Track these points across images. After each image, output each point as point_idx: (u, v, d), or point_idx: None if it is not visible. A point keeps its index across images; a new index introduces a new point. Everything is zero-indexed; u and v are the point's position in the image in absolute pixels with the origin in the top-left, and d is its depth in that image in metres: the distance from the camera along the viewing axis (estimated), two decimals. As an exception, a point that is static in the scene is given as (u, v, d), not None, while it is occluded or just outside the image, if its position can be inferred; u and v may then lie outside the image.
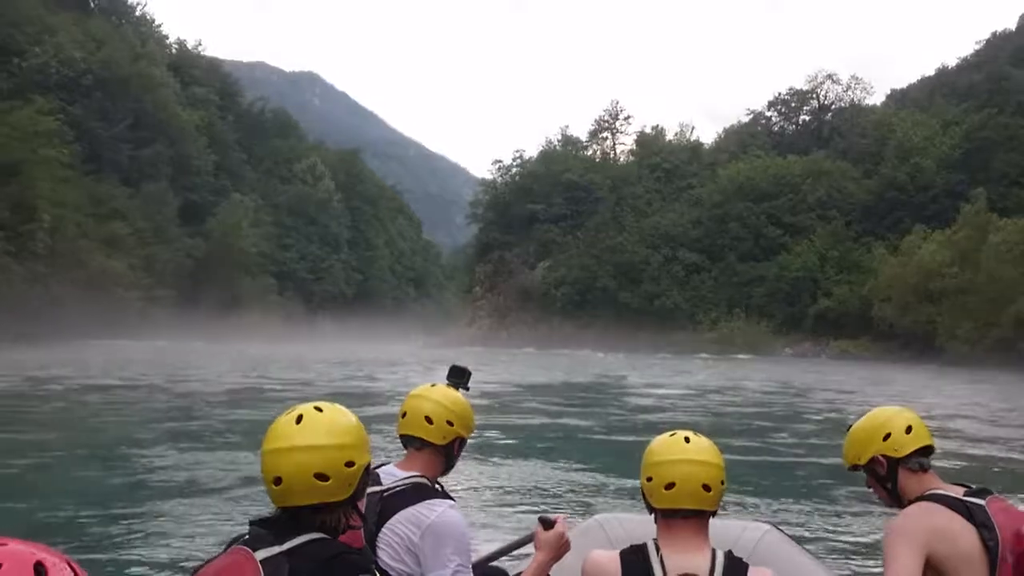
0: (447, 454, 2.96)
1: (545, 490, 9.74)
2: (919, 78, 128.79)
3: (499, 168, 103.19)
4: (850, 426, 2.87)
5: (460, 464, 3.18)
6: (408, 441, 2.95)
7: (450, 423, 2.91)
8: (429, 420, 2.88)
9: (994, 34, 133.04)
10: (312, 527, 1.98)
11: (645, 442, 2.58)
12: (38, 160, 61.10)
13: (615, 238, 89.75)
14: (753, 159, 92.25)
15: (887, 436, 2.71)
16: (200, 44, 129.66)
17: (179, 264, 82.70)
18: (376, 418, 14.12)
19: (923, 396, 27.97)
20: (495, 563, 3.44)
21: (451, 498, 2.86)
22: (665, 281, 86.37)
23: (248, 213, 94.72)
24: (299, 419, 2.02)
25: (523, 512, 8.41)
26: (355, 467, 2.02)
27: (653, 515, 2.52)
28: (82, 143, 78.25)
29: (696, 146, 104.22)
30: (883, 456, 2.71)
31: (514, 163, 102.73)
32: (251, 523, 2.01)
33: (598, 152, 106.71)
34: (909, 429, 2.71)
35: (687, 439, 2.47)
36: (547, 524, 2.81)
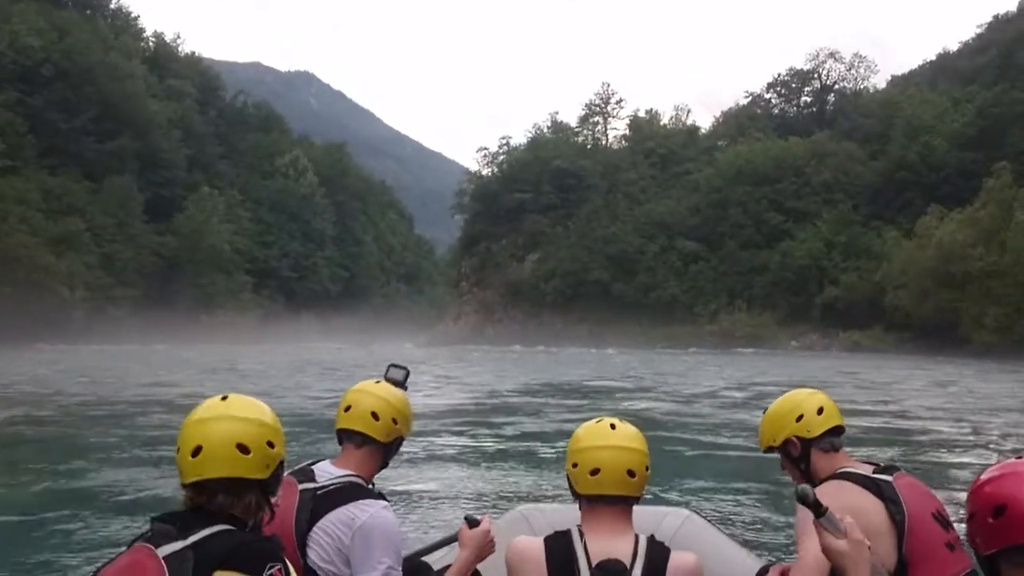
0: (386, 453, 2.86)
1: (491, 493, 9.30)
2: (920, 63, 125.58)
3: (484, 156, 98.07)
4: (765, 410, 2.89)
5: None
6: (348, 436, 2.82)
7: (395, 421, 2.82)
8: (375, 416, 2.78)
9: (996, 17, 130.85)
10: (219, 519, 1.94)
11: None
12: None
13: (608, 228, 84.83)
14: (753, 142, 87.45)
15: (800, 417, 2.76)
16: (179, 38, 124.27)
17: (143, 262, 77.87)
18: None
19: (977, 392, 23.20)
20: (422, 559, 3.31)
21: (385, 498, 2.73)
22: (661, 272, 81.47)
23: (219, 207, 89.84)
24: (224, 398, 2.04)
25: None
26: (275, 450, 2.00)
27: (578, 501, 2.53)
28: (39, 135, 74.14)
29: (692, 130, 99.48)
30: (796, 437, 2.77)
31: (500, 151, 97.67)
32: (153, 519, 1.94)
33: (589, 138, 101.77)
34: (821, 410, 2.76)
35: (612, 425, 2.49)
36: (472, 523, 2.79)
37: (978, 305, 49.91)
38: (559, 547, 2.43)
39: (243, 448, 1.94)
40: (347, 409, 2.83)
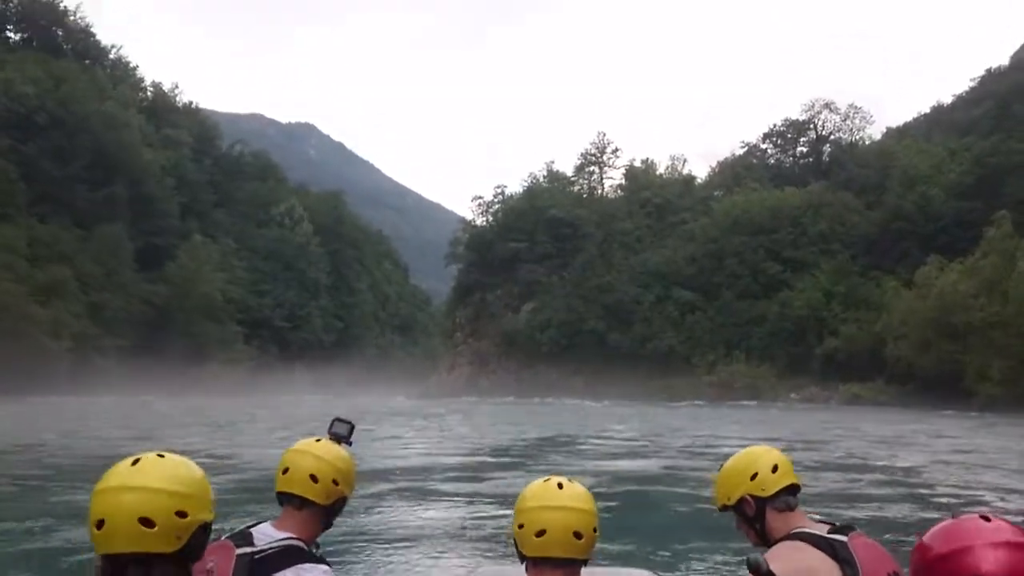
0: (328, 514, 2.75)
1: (464, 549, 9.05)
2: (915, 116, 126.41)
3: (479, 205, 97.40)
4: (720, 467, 2.85)
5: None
6: (287, 499, 2.71)
7: (335, 482, 2.71)
8: (314, 478, 2.67)
9: (989, 71, 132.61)
10: None
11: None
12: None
13: (604, 277, 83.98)
14: (749, 192, 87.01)
15: (754, 476, 2.72)
16: (177, 88, 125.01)
17: (133, 311, 76.74)
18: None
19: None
20: None
21: (326, 563, 2.61)
22: (658, 322, 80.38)
23: (212, 256, 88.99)
24: (135, 462, 1.91)
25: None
26: (187, 519, 1.88)
27: (525, 564, 2.45)
28: (31, 182, 73.73)
29: (688, 180, 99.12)
30: (751, 496, 2.72)
31: (496, 200, 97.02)
32: None
33: (585, 187, 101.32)
34: (775, 468, 2.72)
35: (560, 485, 2.42)
36: None
37: (981, 357, 48.68)
38: None
39: (146, 522, 1.80)
40: (285, 471, 2.70)
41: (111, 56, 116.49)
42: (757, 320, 76.54)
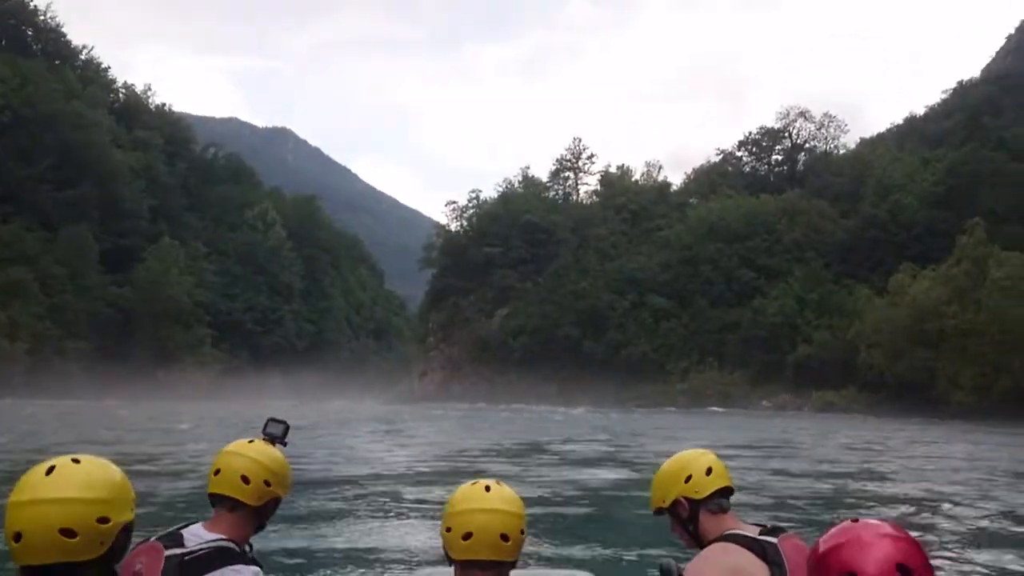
0: (260, 515, 2.74)
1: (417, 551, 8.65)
2: (888, 127, 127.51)
3: (454, 210, 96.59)
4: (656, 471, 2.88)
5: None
6: (219, 501, 2.70)
7: (268, 483, 2.69)
8: (246, 480, 2.66)
9: (960, 83, 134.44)
10: None
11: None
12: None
13: (578, 283, 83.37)
14: (724, 199, 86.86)
15: (688, 478, 2.76)
16: (150, 90, 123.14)
17: (97, 313, 75.28)
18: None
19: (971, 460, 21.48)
20: None
21: (258, 564, 2.61)
22: (632, 329, 79.81)
23: (179, 258, 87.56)
24: (50, 470, 1.87)
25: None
26: (109, 524, 1.86)
27: (453, 567, 2.46)
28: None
29: (664, 186, 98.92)
30: (685, 498, 2.76)
31: (470, 205, 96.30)
32: None
33: (560, 193, 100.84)
34: (709, 471, 2.76)
35: (488, 488, 2.44)
36: None
37: (954, 364, 48.41)
38: None
39: (68, 532, 1.77)
40: (216, 472, 2.68)
41: (82, 57, 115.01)
42: (731, 327, 76.17)
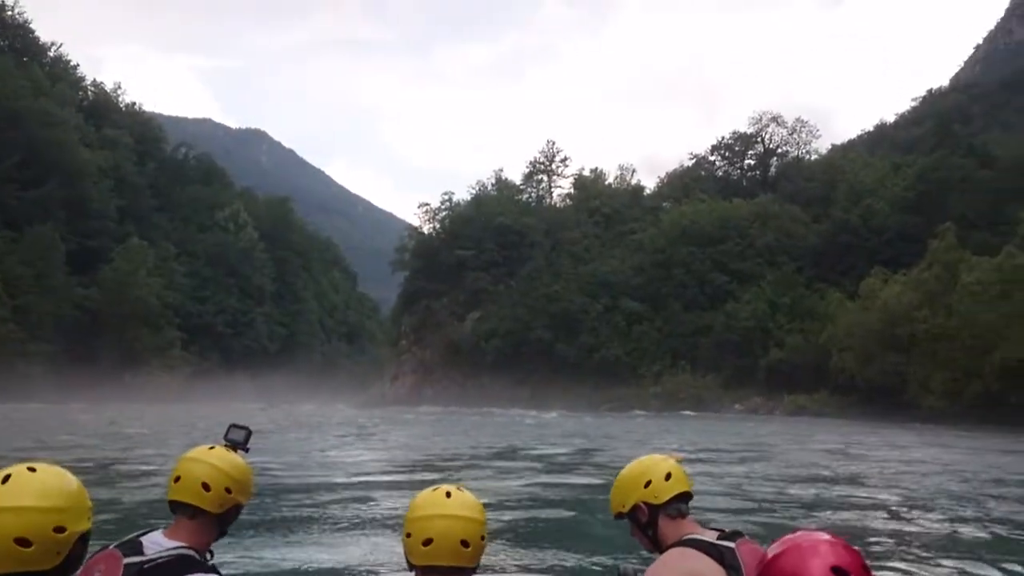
0: (221, 522, 2.71)
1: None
2: (858, 133, 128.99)
3: (427, 212, 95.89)
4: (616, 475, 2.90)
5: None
6: (179, 508, 2.67)
7: (229, 490, 2.66)
8: (206, 487, 2.63)
9: (930, 91, 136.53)
10: None
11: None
12: None
13: (551, 286, 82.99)
14: (697, 203, 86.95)
15: (648, 483, 2.77)
16: (119, 88, 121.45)
17: (63, 315, 73.91)
18: None
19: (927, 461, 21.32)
20: None
21: (218, 572, 2.63)
22: (605, 332, 79.50)
23: (148, 259, 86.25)
24: (5, 479, 1.85)
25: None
26: (66, 534, 1.84)
27: (413, 572, 2.47)
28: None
29: (637, 190, 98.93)
30: (644, 503, 2.78)
31: (443, 207, 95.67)
32: None
33: (533, 196, 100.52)
34: (668, 476, 2.77)
35: (448, 494, 2.45)
36: None
37: (924, 369, 48.45)
38: None
39: (23, 542, 1.76)
40: (177, 480, 2.65)
41: (51, 54, 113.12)
42: (703, 331, 76.11)
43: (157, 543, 2.55)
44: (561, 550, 8.98)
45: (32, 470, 1.84)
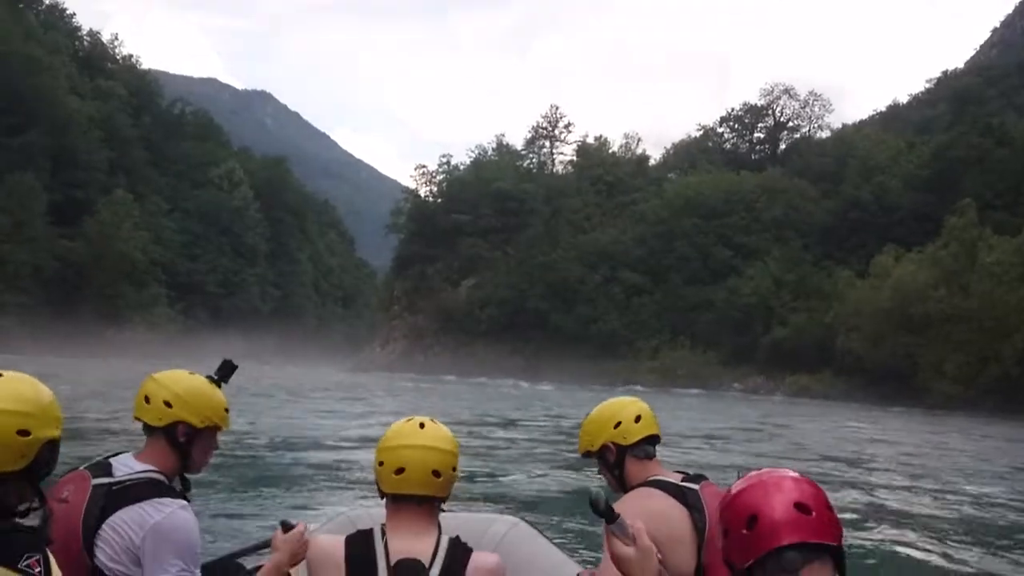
0: (173, 443, 2.62)
1: None
2: (870, 114, 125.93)
3: (423, 174, 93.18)
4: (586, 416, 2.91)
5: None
6: (145, 430, 2.67)
7: (168, 404, 2.59)
8: (147, 400, 2.63)
9: (945, 73, 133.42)
10: None
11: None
12: None
13: (549, 255, 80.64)
14: (703, 174, 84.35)
15: (617, 424, 2.81)
16: (116, 39, 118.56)
17: (43, 267, 71.64)
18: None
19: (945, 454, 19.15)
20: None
21: (186, 498, 2.59)
22: (603, 304, 77.30)
23: (132, 213, 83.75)
24: None
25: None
26: (30, 437, 1.84)
27: (384, 500, 2.50)
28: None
29: (642, 159, 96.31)
30: (613, 443, 2.81)
31: (441, 170, 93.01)
32: None
33: (535, 162, 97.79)
34: (638, 418, 2.80)
35: (422, 424, 2.45)
36: (286, 527, 2.70)
37: (938, 352, 46.05)
38: (359, 546, 2.36)
39: None
40: (147, 400, 2.62)
41: (46, 1, 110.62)
42: (704, 306, 73.81)
43: (127, 465, 2.51)
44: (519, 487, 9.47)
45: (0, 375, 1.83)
